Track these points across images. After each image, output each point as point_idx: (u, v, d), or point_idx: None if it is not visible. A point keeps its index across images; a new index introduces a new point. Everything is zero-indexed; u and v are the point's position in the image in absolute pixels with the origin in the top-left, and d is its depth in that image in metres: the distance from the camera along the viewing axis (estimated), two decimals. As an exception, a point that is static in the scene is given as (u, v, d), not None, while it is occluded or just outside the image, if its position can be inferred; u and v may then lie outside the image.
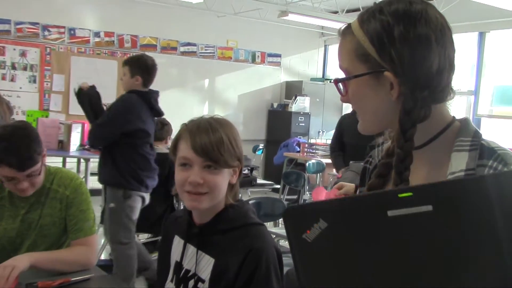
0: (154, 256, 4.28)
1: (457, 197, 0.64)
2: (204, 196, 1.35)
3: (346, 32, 0.94)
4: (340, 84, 0.96)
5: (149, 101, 3.68)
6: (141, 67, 3.62)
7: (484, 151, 0.89)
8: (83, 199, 2.07)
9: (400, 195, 0.65)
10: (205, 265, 1.39)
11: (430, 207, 0.64)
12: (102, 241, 4.47)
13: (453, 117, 0.97)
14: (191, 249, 1.44)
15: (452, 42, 0.92)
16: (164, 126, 4.17)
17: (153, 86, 3.82)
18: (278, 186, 5.15)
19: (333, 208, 0.69)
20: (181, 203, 4.35)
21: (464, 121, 0.95)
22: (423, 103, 0.87)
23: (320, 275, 0.70)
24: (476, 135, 0.92)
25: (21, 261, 1.78)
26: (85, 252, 2.02)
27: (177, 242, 1.50)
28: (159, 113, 3.82)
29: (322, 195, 1.71)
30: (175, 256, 1.49)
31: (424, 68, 0.87)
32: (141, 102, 3.61)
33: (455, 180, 0.78)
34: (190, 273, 1.42)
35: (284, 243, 3.91)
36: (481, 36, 7.32)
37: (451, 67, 0.90)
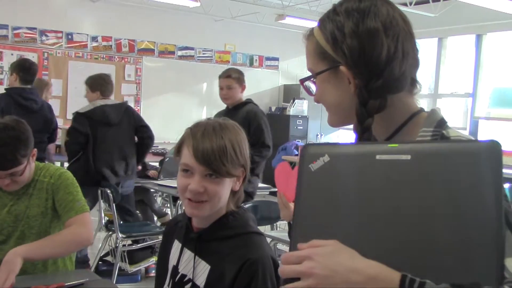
0: (153, 260, 4.27)
1: (433, 154, 0.78)
2: (204, 204, 1.34)
3: (309, 35, 1.01)
4: (310, 85, 1.02)
5: (11, 96, 4.01)
6: (16, 66, 4.13)
7: None
8: (68, 183, 2.06)
9: (389, 145, 0.82)
10: (201, 271, 1.38)
11: (409, 157, 0.79)
12: (99, 245, 4.46)
13: (421, 108, 0.99)
14: (188, 254, 1.43)
15: (409, 34, 0.95)
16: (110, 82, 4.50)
17: (151, 90, 3.89)
18: (276, 190, 5.13)
19: (338, 148, 0.86)
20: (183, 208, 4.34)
21: (431, 111, 0.97)
22: (377, 94, 0.91)
23: (314, 200, 0.84)
24: (440, 124, 0.93)
25: (14, 263, 1.74)
26: (79, 230, 1.98)
27: (176, 247, 1.49)
28: (27, 108, 4.05)
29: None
30: (172, 260, 1.48)
31: (373, 59, 0.90)
32: (7, 98, 4.00)
33: (435, 140, 0.90)
34: (186, 278, 1.41)
35: (282, 247, 3.90)
36: (478, 38, 7.33)
37: (405, 57, 0.92)
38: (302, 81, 1.02)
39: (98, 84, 4.32)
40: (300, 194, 0.85)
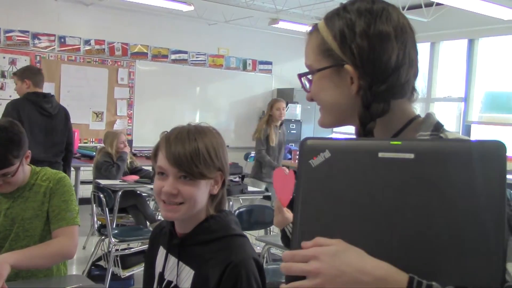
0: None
1: (437, 153, 0.77)
2: (180, 207, 1.34)
3: (312, 31, 0.98)
4: (306, 82, 1.00)
5: None
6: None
7: None
8: (65, 190, 2.08)
9: (392, 142, 0.79)
10: (186, 277, 1.38)
11: (412, 155, 0.77)
12: (92, 250, 4.43)
13: (418, 114, 0.99)
14: (172, 260, 1.43)
15: (414, 43, 0.95)
16: None
17: (144, 94, 3.90)
18: (269, 194, 5.13)
19: (338, 143, 0.84)
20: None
21: (426, 116, 0.97)
22: (382, 98, 0.90)
23: (315, 197, 0.82)
24: (437, 128, 0.93)
25: (3, 269, 1.74)
26: (65, 242, 2.00)
27: (161, 253, 1.49)
28: None
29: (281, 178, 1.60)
30: (158, 267, 1.47)
31: (382, 62, 0.90)
32: None
33: (438, 139, 0.90)
34: (172, 285, 1.40)
35: (276, 251, 3.89)
36: (471, 43, 7.38)
37: (411, 65, 0.93)
38: (301, 75, 1.01)
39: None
40: (300, 190, 0.83)
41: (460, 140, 0.86)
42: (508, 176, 0.79)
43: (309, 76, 0.99)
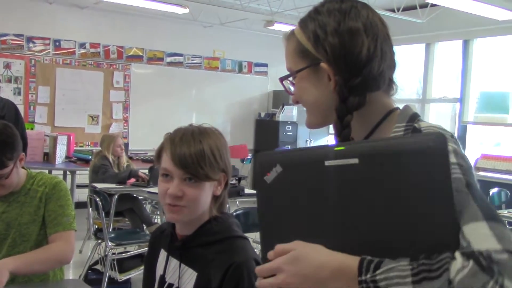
0: (142, 269, 4.24)
1: (380, 154, 0.78)
2: (183, 208, 1.34)
3: (289, 35, 1.03)
4: (289, 86, 1.04)
5: None
6: None
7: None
8: (61, 195, 2.07)
9: (336, 149, 0.81)
10: (188, 279, 1.37)
11: (356, 160, 0.78)
12: (89, 254, 4.42)
13: (396, 107, 1.01)
14: (174, 262, 1.42)
15: (387, 37, 0.98)
16: None
17: (139, 96, 3.85)
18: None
19: (287, 156, 0.86)
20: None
21: (404, 108, 0.99)
22: (357, 91, 0.93)
23: (274, 211, 0.86)
24: (412, 118, 0.95)
25: (2, 275, 1.74)
26: (62, 247, 1.99)
27: (162, 256, 1.48)
28: None
29: None
30: (159, 270, 1.47)
31: (354, 56, 0.93)
32: None
33: (382, 138, 0.91)
34: (173, 287, 1.40)
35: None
36: (466, 44, 7.40)
37: (383, 58, 0.95)
38: (282, 79, 1.04)
39: None
40: (261, 208, 0.87)
41: (405, 137, 0.89)
42: (496, 175, 0.79)
43: (292, 79, 1.02)
